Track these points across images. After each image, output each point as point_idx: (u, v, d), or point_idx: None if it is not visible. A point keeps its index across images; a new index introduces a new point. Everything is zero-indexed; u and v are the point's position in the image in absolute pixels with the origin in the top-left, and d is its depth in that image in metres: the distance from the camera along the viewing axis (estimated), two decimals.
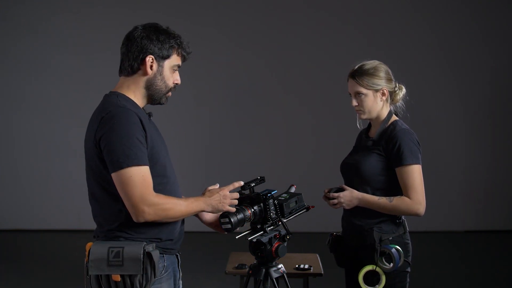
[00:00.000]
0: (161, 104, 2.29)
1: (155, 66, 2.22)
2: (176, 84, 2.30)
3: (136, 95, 2.23)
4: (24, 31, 6.86)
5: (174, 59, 2.26)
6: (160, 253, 2.17)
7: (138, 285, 2.08)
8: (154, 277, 2.10)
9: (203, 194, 2.27)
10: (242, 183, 2.32)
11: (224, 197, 2.24)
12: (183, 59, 2.30)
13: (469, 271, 5.47)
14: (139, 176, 2.07)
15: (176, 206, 2.15)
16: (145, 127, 2.14)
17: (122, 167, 2.06)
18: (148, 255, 2.08)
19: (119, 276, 2.09)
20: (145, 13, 6.61)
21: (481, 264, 5.70)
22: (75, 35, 6.83)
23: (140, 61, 2.20)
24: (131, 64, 2.21)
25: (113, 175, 2.09)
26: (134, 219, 2.10)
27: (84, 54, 6.80)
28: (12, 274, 5.26)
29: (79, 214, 6.64)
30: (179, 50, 2.27)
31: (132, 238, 2.14)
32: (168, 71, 2.25)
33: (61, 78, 6.87)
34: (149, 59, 2.20)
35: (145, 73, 2.22)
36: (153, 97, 2.25)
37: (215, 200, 2.24)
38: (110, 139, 2.07)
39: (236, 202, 2.30)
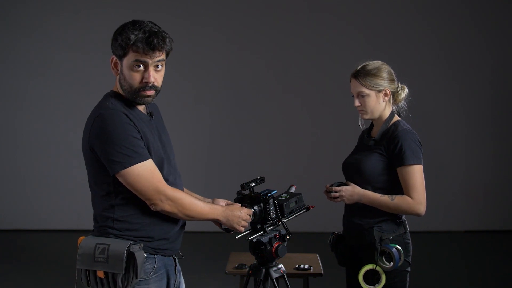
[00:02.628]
0: (140, 104, 2.19)
1: (119, 65, 2.17)
2: (146, 83, 2.13)
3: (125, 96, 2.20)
4: (24, 31, 6.86)
5: (131, 56, 2.11)
6: (150, 253, 2.16)
7: (120, 284, 2.08)
8: (136, 278, 2.08)
9: (225, 204, 2.34)
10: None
11: (243, 218, 2.28)
12: (144, 52, 2.10)
13: (469, 271, 5.47)
14: (146, 171, 2.09)
15: (194, 204, 2.18)
16: (137, 125, 2.12)
17: (125, 167, 2.07)
18: (132, 255, 2.08)
19: (103, 273, 2.10)
20: (145, 14, 6.60)
21: (481, 264, 5.70)
22: (76, 35, 6.84)
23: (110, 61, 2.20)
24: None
25: (118, 176, 2.09)
26: (152, 209, 2.13)
27: (85, 54, 6.80)
28: (12, 274, 5.26)
29: (79, 214, 6.65)
30: (134, 47, 2.10)
31: (121, 236, 2.14)
32: (127, 69, 2.13)
33: (61, 78, 6.87)
34: (112, 58, 2.18)
35: (113, 73, 2.20)
36: (129, 97, 2.18)
37: (235, 217, 2.26)
38: (106, 143, 2.07)
39: (247, 225, 2.33)
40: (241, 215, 2.28)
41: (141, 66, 2.13)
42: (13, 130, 6.95)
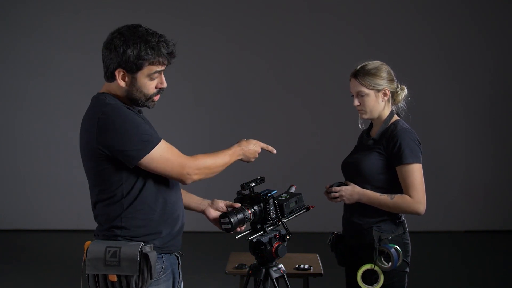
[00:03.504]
0: (147, 107, 2.23)
1: (127, 78, 2.14)
2: (161, 88, 2.20)
3: (121, 99, 2.20)
4: (24, 31, 6.86)
5: (149, 69, 2.13)
6: (158, 253, 2.17)
7: (134, 286, 2.08)
8: (151, 279, 2.09)
9: (238, 142, 2.38)
10: (275, 151, 2.44)
11: (258, 151, 2.38)
12: (164, 63, 2.16)
13: (469, 271, 5.47)
14: (165, 150, 2.13)
15: (216, 160, 2.24)
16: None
17: (147, 152, 2.09)
18: (145, 256, 2.08)
19: (115, 276, 2.09)
20: (145, 13, 6.63)
21: (481, 264, 5.70)
22: (76, 35, 6.84)
23: (111, 73, 2.15)
24: (106, 74, 2.18)
25: (142, 163, 2.10)
26: (183, 184, 2.20)
27: (85, 54, 6.79)
28: (12, 274, 5.26)
29: (79, 214, 6.64)
30: (154, 60, 2.12)
31: (130, 237, 2.14)
32: (144, 80, 2.15)
33: (62, 78, 6.87)
34: (118, 72, 2.13)
35: (120, 84, 2.15)
36: (135, 103, 2.21)
37: (251, 153, 2.36)
38: (120, 135, 2.07)
39: (257, 156, 2.40)
40: (256, 149, 2.37)
41: (158, 74, 2.18)
42: (13, 130, 6.95)
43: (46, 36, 6.86)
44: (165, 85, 2.21)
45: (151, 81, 2.17)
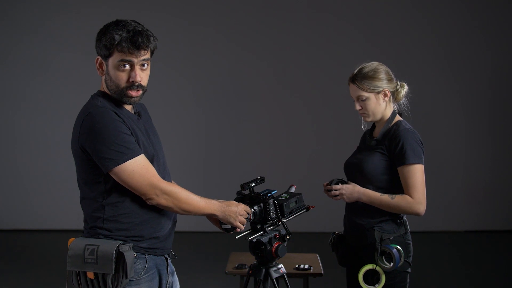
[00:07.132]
0: (127, 104, 2.20)
1: (104, 66, 2.18)
2: (133, 82, 2.14)
3: (110, 96, 2.20)
4: (24, 31, 6.86)
5: (116, 56, 2.13)
6: (141, 253, 2.16)
7: (110, 284, 2.09)
8: (126, 278, 2.09)
9: (228, 201, 2.31)
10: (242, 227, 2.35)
11: (240, 214, 2.28)
12: (130, 52, 2.12)
13: (469, 271, 5.47)
14: (140, 167, 2.10)
15: (190, 199, 2.17)
16: (126, 122, 2.14)
17: (118, 164, 2.07)
18: (121, 255, 2.08)
19: (93, 274, 2.10)
20: (145, 13, 6.62)
21: (481, 264, 5.70)
22: (76, 35, 6.83)
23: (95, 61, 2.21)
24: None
25: (112, 174, 2.09)
26: (148, 203, 2.14)
27: (85, 54, 6.78)
28: (12, 274, 5.26)
29: (79, 214, 6.59)
30: (118, 47, 2.11)
31: (111, 236, 2.14)
32: (113, 69, 2.15)
33: (61, 78, 6.87)
34: (96, 59, 2.19)
35: (98, 73, 2.21)
36: (117, 97, 2.18)
37: (232, 212, 2.27)
38: (97, 140, 2.07)
39: (244, 221, 2.32)
40: (238, 210, 2.28)
41: (127, 65, 2.14)
42: (13, 130, 6.95)
43: (46, 36, 6.86)
44: (137, 79, 2.15)
45: (119, 71, 2.14)
